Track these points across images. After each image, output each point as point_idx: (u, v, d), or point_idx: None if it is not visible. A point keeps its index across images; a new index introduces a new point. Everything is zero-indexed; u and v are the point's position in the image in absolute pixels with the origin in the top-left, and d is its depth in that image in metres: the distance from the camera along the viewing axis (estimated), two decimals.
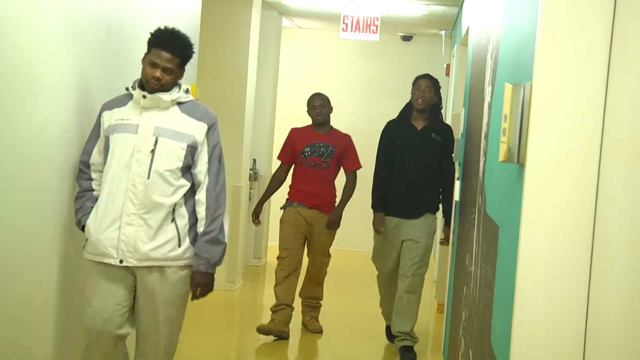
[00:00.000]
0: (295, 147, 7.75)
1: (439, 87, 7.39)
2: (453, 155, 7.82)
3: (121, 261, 4.67)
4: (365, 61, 14.25)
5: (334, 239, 8.18)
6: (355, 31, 10.84)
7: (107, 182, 4.79)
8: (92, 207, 4.85)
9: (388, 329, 8.33)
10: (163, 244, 4.76)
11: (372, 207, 7.84)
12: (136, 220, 4.74)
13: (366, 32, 10.84)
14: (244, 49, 10.98)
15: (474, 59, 6.97)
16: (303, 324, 8.48)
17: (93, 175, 4.92)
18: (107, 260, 4.71)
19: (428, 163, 7.28)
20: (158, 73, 4.66)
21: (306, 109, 8.21)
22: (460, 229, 6.92)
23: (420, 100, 7.16)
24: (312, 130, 7.75)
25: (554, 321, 2.93)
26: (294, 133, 8.01)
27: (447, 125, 7.41)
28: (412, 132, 7.30)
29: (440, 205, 8.07)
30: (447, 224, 7.89)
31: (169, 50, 4.72)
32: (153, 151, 4.82)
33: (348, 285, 11.87)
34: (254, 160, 11.78)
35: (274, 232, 11.78)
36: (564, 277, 2.92)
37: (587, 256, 2.90)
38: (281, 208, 8.01)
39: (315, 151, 7.59)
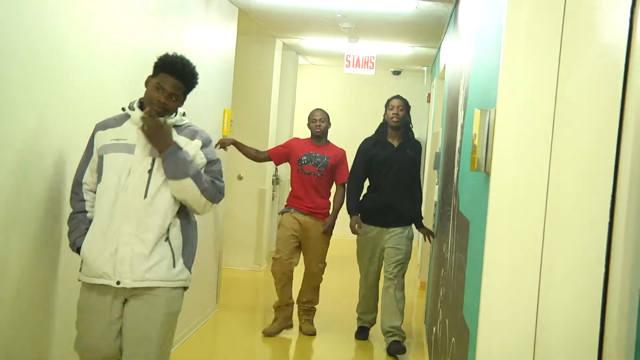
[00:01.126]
0: (293, 155, 7.15)
1: (409, 107, 6.88)
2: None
3: (118, 282, 3.82)
4: (363, 91, 14.20)
5: (328, 246, 7.35)
6: (355, 67, 10.85)
7: (103, 202, 3.94)
8: (86, 229, 3.98)
9: (359, 329, 7.55)
10: (157, 263, 3.89)
11: (348, 212, 7.12)
12: (132, 240, 3.88)
13: (364, 67, 10.85)
14: (268, 80, 10.97)
15: (449, 89, 6.94)
16: (299, 326, 7.60)
17: (85, 196, 4.04)
18: (103, 282, 3.85)
19: (405, 176, 6.76)
20: (164, 98, 3.89)
21: (307, 122, 7.76)
22: (439, 223, 6.93)
23: (394, 118, 6.66)
24: (311, 142, 7.14)
25: (513, 296, 2.94)
26: (295, 142, 7.46)
27: (418, 141, 6.95)
28: (390, 149, 6.75)
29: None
30: (418, 226, 7.24)
31: (178, 77, 3.96)
32: (150, 171, 4.01)
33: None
34: (276, 168, 11.76)
35: None
36: (521, 261, 2.92)
37: (539, 244, 2.91)
38: (279, 213, 7.37)
39: (311, 160, 6.95)
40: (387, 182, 6.79)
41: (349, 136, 9.36)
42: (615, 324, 1.61)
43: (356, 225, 7.08)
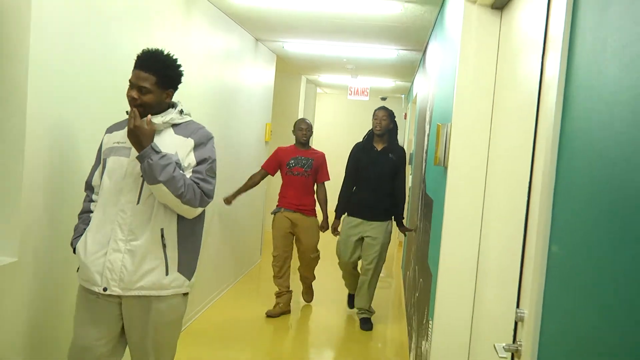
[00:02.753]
0: (282, 161, 6.11)
1: (394, 116, 5.90)
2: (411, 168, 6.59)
3: (105, 289, 2.80)
4: (360, 111, 13.99)
5: (318, 238, 6.21)
6: (355, 95, 10.80)
7: (99, 205, 2.89)
8: (85, 229, 2.94)
9: (350, 297, 6.51)
10: (148, 272, 2.81)
11: (335, 211, 6.07)
12: (123, 247, 2.80)
13: (361, 95, 10.79)
14: (296, 104, 11.03)
15: (419, 110, 6.93)
16: (301, 294, 6.65)
17: (94, 197, 3.01)
18: (92, 288, 2.83)
19: (385, 176, 5.73)
20: (134, 93, 2.78)
21: (292, 129, 6.61)
22: (412, 200, 6.93)
23: (377, 127, 5.73)
24: (295, 148, 6.17)
25: (461, 250, 2.98)
26: (280, 150, 6.28)
27: (402, 147, 5.93)
28: (373, 153, 5.80)
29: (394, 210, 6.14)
30: (398, 224, 6.07)
31: (144, 69, 2.79)
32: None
33: None
34: None
35: None
36: (467, 227, 2.97)
37: (480, 214, 2.94)
38: (271, 213, 6.19)
39: (298, 163, 6.02)
40: (368, 181, 5.83)
41: (349, 144, 9.35)
42: (530, 268, 1.62)
43: (336, 228, 6.11)
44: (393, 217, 5.96)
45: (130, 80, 2.82)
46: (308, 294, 6.62)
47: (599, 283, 1.09)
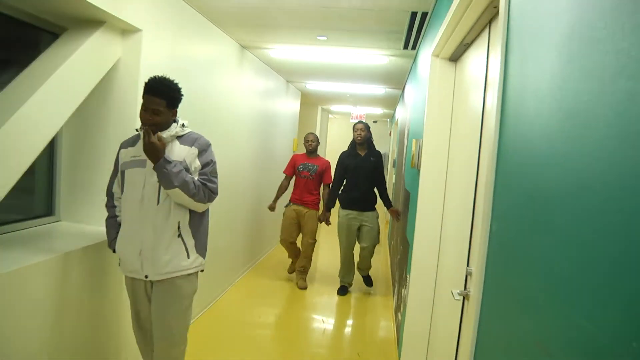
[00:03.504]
0: (295, 165, 5.58)
1: (369, 128, 5.40)
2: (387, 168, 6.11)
3: (146, 276, 2.57)
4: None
5: (317, 227, 5.57)
6: (355, 119, 10.70)
7: (127, 211, 2.58)
8: (116, 232, 2.64)
9: (341, 288, 5.55)
10: (173, 258, 2.57)
11: (325, 205, 5.43)
12: (152, 242, 2.53)
13: (360, 119, 10.77)
14: (314, 125, 10.96)
15: (400, 129, 6.86)
16: (295, 282, 5.73)
17: (115, 202, 2.69)
18: (135, 276, 2.61)
19: (369, 175, 5.24)
20: (149, 115, 2.47)
21: (302, 142, 6.27)
22: (396, 193, 6.88)
23: (359, 137, 5.25)
24: (306, 156, 5.59)
25: (430, 225, 2.94)
26: (295, 157, 5.69)
27: (379, 151, 5.46)
28: (358, 158, 5.29)
29: (380, 201, 5.61)
30: (388, 207, 5.51)
31: (156, 94, 2.47)
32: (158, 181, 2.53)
33: None
34: None
35: None
36: (434, 210, 2.93)
37: (442, 201, 2.91)
38: (285, 207, 5.68)
39: (305, 168, 5.51)
40: (358, 180, 5.26)
41: None
42: (476, 238, 1.63)
43: (326, 218, 5.45)
44: (384, 205, 5.45)
45: (144, 105, 2.44)
46: (302, 279, 5.69)
47: (522, 248, 1.11)
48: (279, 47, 5.07)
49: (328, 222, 5.48)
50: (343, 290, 5.50)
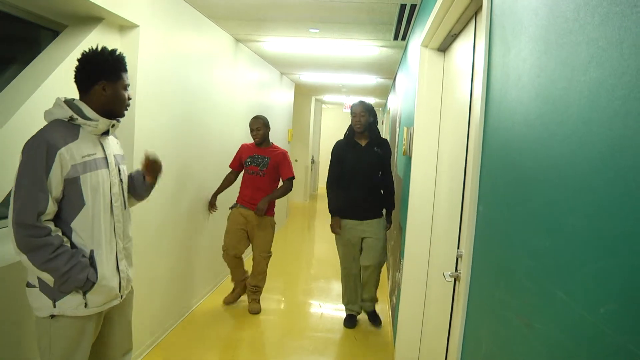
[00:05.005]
0: (242, 158, 4.34)
1: (372, 109, 3.98)
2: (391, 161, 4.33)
3: (122, 297, 2.02)
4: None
5: (272, 238, 4.27)
6: (348, 108, 10.67)
7: (98, 225, 1.85)
8: (85, 260, 1.81)
9: (348, 317, 4.16)
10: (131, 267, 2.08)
11: (330, 212, 4.00)
12: (124, 253, 2.01)
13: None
14: (308, 115, 10.94)
15: (392, 118, 6.85)
16: (248, 305, 4.35)
17: (50, 226, 1.73)
18: (113, 304, 1.97)
19: (374, 172, 3.93)
20: (130, 92, 2.00)
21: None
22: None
23: (357, 125, 3.90)
24: (255, 146, 4.29)
25: (422, 209, 2.97)
26: (243, 147, 4.40)
27: (384, 139, 4.09)
28: (358, 149, 3.94)
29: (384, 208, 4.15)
30: (388, 221, 4.07)
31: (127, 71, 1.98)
32: (121, 181, 2.02)
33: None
34: (312, 155, 11.73)
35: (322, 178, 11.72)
36: (425, 193, 2.95)
37: (433, 187, 2.93)
38: (230, 208, 4.37)
39: (254, 161, 4.21)
40: (357, 179, 3.90)
41: None
42: (465, 222, 1.67)
43: (336, 226, 3.95)
44: (385, 212, 4.09)
45: (127, 83, 1.98)
46: (255, 301, 4.32)
47: (505, 227, 1.14)
48: (272, 39, 5.08)
49: (337, 231, 3.98)
50: (351, 321, 4.13)
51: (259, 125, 4.25)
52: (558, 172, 0.86)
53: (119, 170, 2.03)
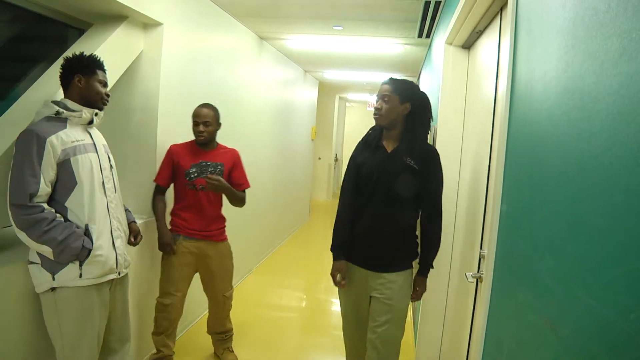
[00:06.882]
0: (177, 166, 2.85)
1: (409, 90, 2.20)
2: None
3: (119, 273, 2.12)
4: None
5: (233, 268, 3.02)
6: (372, 107, 10.65)
7: (91, 202, 1.98)
8: (80, 230, 1.94)
9: None
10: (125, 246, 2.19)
11: (332, 250, 2.31)
12: (119, 233, 2.12)
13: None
14: (332, 113, 10.91)
15: None
16: (217, 355, 3.16)
17: (45, 205, 1.88)
18: (110, 277, 2.07)
19: (402, 193, 2.15)
20: (107, 90, 2.12)
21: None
22: None
23: (376, 115, 2.25)
24: (197, 148, 2.89)
25: (444, 208, 2.94)
26: (176, 151, 2.89)
27: (432, 148, 2.24)
28: (380, 155, 2.21)
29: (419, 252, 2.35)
30: (422, 273, 2.28)
31: (104, 70, 2.12)
32: (112, 167, 2.15)
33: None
34: (336, 154, 11.71)
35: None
36: (447, 194, 2.92)
37: (456, 187, 2.90)
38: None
39: (203, 172, 2.82)
40: (374, 201, 2.21)
41: None
42: (489, 222, 1.63)
43: (338, 276, 2.29)
44: (419, 262, 2.33)
45: (103, 80, 2.11)
46: (229, 350, 3.20)
47: (530, 230, 1.12)
48: (296, 37, 5.07)
49: (340, 283, 2.34)
50: None
51: (209, 119, 2.87)
52: (585, 170, 0.82)
53: (109, 157, 2.18)
